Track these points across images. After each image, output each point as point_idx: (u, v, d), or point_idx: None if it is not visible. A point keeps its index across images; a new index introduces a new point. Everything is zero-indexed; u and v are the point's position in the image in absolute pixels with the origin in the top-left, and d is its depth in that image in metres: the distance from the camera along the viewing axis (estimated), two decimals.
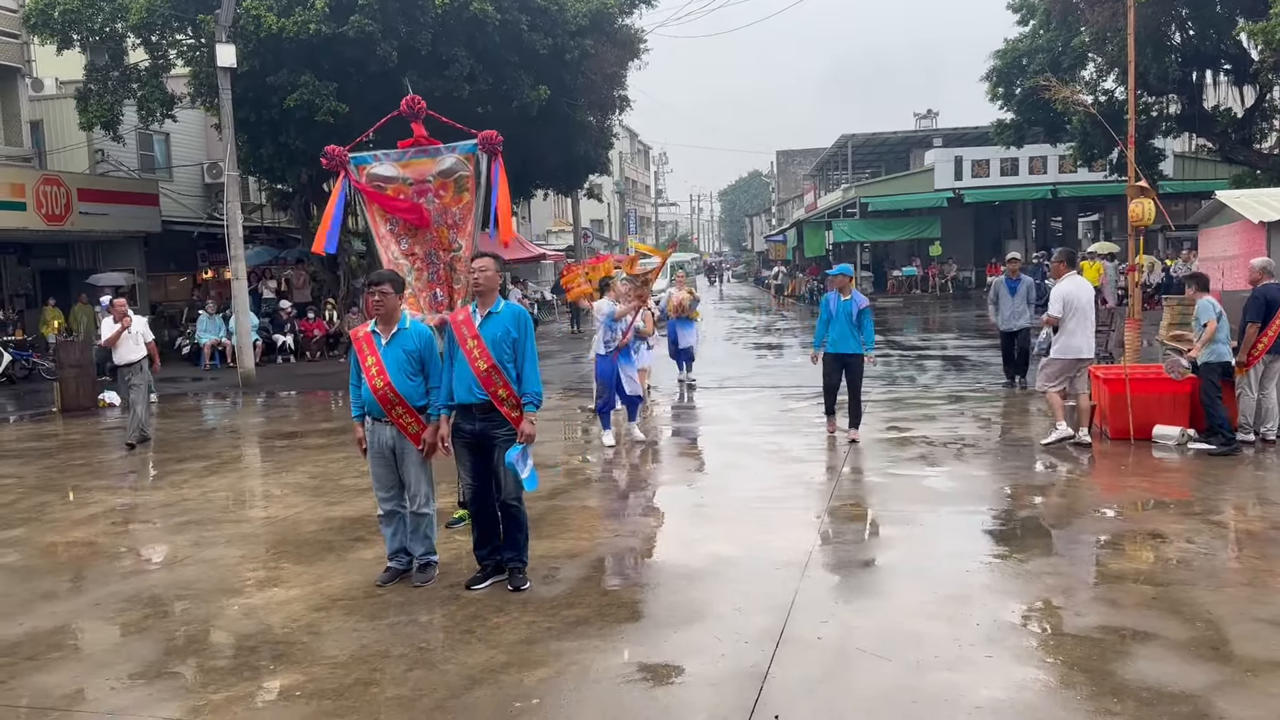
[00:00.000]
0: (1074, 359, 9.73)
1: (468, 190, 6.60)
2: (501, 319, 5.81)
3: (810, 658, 4.86)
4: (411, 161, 6.72)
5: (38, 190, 20.40)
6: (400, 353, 5.97)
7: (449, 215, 6.66)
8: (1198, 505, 7.56)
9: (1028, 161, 36.59)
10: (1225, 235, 14.05)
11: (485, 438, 5.82)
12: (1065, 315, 9.63)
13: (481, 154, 6.78)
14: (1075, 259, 10.59)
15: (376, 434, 6.09)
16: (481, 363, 5.72)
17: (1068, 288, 9.74)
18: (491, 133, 6.54)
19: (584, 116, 23.99)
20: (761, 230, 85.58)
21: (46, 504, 8.99)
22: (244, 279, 19.37)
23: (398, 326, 6.02)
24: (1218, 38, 22.60)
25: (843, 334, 10.18)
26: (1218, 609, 5.29)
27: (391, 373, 5.93)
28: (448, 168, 6.65)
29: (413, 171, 6.73)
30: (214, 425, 14.28)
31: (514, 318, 5.85)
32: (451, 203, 6.66)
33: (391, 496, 6.19)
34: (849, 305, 10.14)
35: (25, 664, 5.16)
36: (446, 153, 6.64)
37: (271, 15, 18.22)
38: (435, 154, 6.73)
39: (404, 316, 6.09)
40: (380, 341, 6.02)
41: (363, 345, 6.08)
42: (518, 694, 4.56)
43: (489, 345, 5.73)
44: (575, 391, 15.21)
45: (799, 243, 51.29)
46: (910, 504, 7.76)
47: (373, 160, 6.89)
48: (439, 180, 6.65)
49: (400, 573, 6.21)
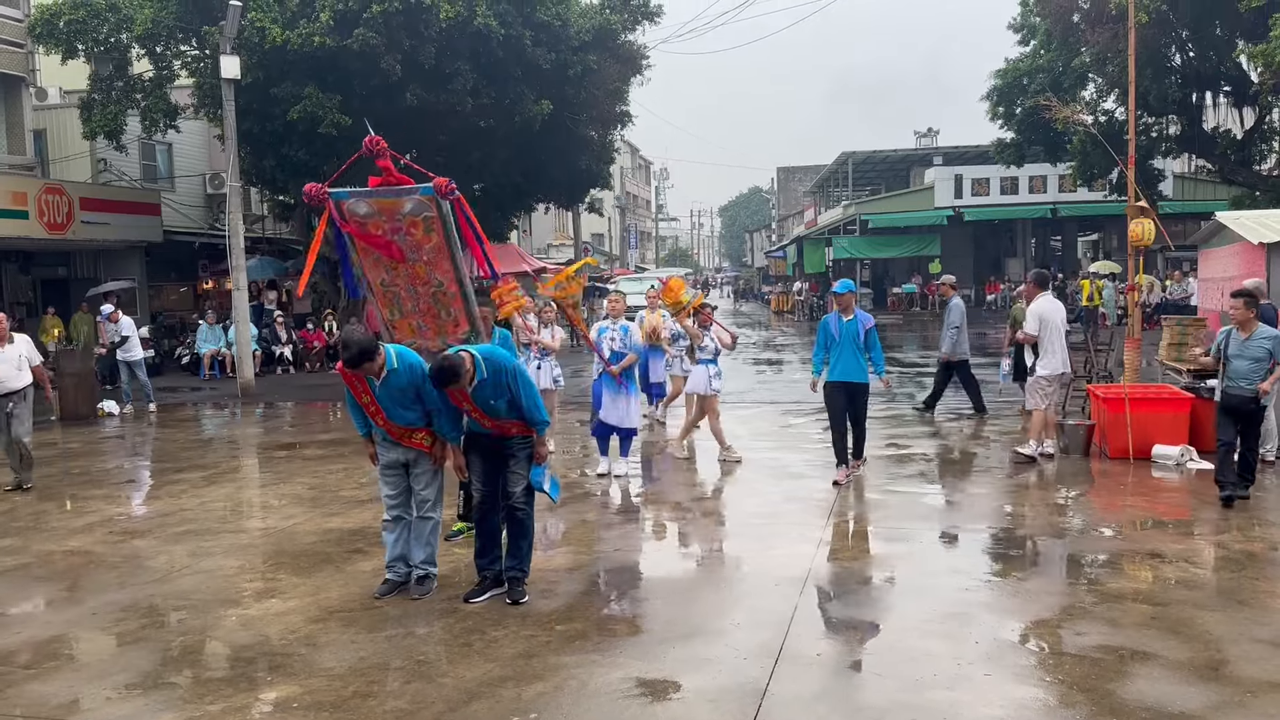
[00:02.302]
0: (1059, 374, 9.86)
1: (435, 231, 6.60)
2: (490, 385, 5.80)
3: (809, 675, 4.85)
4: (382, 200, 6.75)
5: (40, 199, 20.42)
6: (394, 391, 5.95)
7: (422, 252, 6.69)
8: (1197, 525, 7.56)
9: (1028, 180, 36.72)
10: (1225, 256, 14.08)
11: (499, 443, 5.99)
12: (1042, 333, 9.78)
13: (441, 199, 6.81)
14: (1047, 280, 10.61)
15: (388, 450, 6.15)
16: (485, 422, 5.92)
17: (1043, 306, 9.91)
18: (443, 180, 6.55)
19: (586, 131, 24.06)
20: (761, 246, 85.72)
21: (44, 513, 8.97)
22: (245, 290, 19.37)
23: (386, 369, 5.91)
24: (1218, 60, 22.70)
25: (848, 360, 9.01)
26: (1217, 629, 5.29)
27: (390, 411, 5.98)
28: (412, 209, 6.69)
29: (383, 209, 6.77)
30: (213, 435, 14.26)
31: (498, 376, 5.81)
32: (423, 240, 6.69)
33: (400, 503, 6.22)
34: (854, 326, 9.05)
35: (21, 673, 5.15)
36: (408, 194, 6.66)
37: (276, 27, 18.29)
38: (399, 194, 6.75)
39: (389, 356, 5.94)
40: (373, 384, 5.95)
41: (356, 385, 5.99)
42: (515, 708, 4.54)
43: (486, 411, 5.86)
44: (574, 405, 15.20)
45: (799, 259, 51.36)
46: (909, 521, 7.75)
47: (349, 197, 6.91)
48: (409, 219, 6.70)
49: (398, 584, 6.20)
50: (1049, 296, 10.15)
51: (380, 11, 17.64)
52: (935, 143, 48.74)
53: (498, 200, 25.12)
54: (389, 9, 17.63)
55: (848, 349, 9.00)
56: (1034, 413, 9.94)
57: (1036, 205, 37.58)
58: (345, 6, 17.96)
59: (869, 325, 9.11)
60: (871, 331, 9.08)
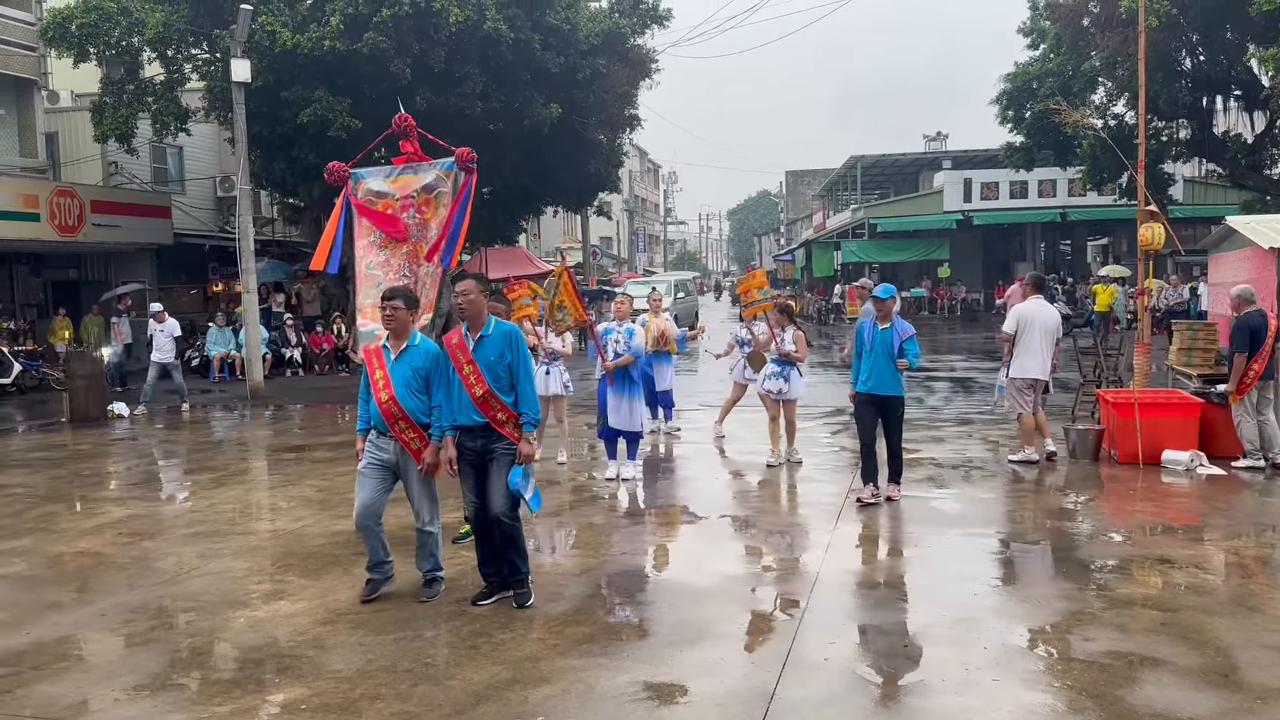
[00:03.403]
0: (1029, 379, 9.85)
1: (445, 206, 6.72)
2: (494, 342, 5.81)
3: (817, 679, 4.84)
4: (400, 177, 6.86)
5: (51, 201, 20.53)
6: (408, 369, 5.95)
7: (426, 231, 6.77)
8: (1207, 530, 7.53)
9: (1037, 185, 36.62)
10: (1235, 261, 14.03)
11: (485, 453, 5.84)
12: (1019, 334, 9.80)
13: (459, 170, 6.87)
14: (1043, 283, 10.57)
15: (379, 448, 6.05)
16: (478, 388, 5.74)
17: (1026, 308, 9.92)
18: (464, 150, 6.65)
19: (595, 135, 24.09)
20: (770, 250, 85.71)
21: (54, 514, 9.01)
22: (254, 292, 19.43)
23: (408, 342, 6.02)
24: (1228, 63, 22.63)
25: (880, 371, 8.33)
26: (1227, 635, 5.26)
27: (397, 388, 5.92)
28: (430, 183, 6.79)
29: (399, 187, 6.89)
30: (222, 437, 14.31)
31: (505, 339, 5.84)
32: (430, 218, 6.78)
33: (371, 515, 6.03)
34: (889, 336, 8.30)
35: (30, 673, 5.16)
36: (429, 168, 6.77)
37: (287, 31, 18.37)
38: (419, 170, 6.86)
39: (414, 333, 6.08)
40: (390, 356, 6.02)
41: (372, 359, 6.09)
42: (522, 711, 4.54)
43: (484, 370, 5.75)
44: (582, 409, 15.20)
45: (807, 262, 51.33)
46: (918, 526, 7.73)
47: (368, 176, 7.03)
48: (422, 196, 6.79)
49: (380, 584, 6.18)
50: (1039, 300, 10.05)
51: (390, 15, 17.71)
52: (944, 146, 48.70)
53: (506, 203, 25.17)
54: (399, 13, 17.69)
55: (880, 359, 8.34)
56: (1020, 418, 10.02)
57: (1046, 209, 37.48)
58: (355, 10, 18.03)
59: (906, 336, 8.30)
60: (909, 343, 8.30)
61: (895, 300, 8.52)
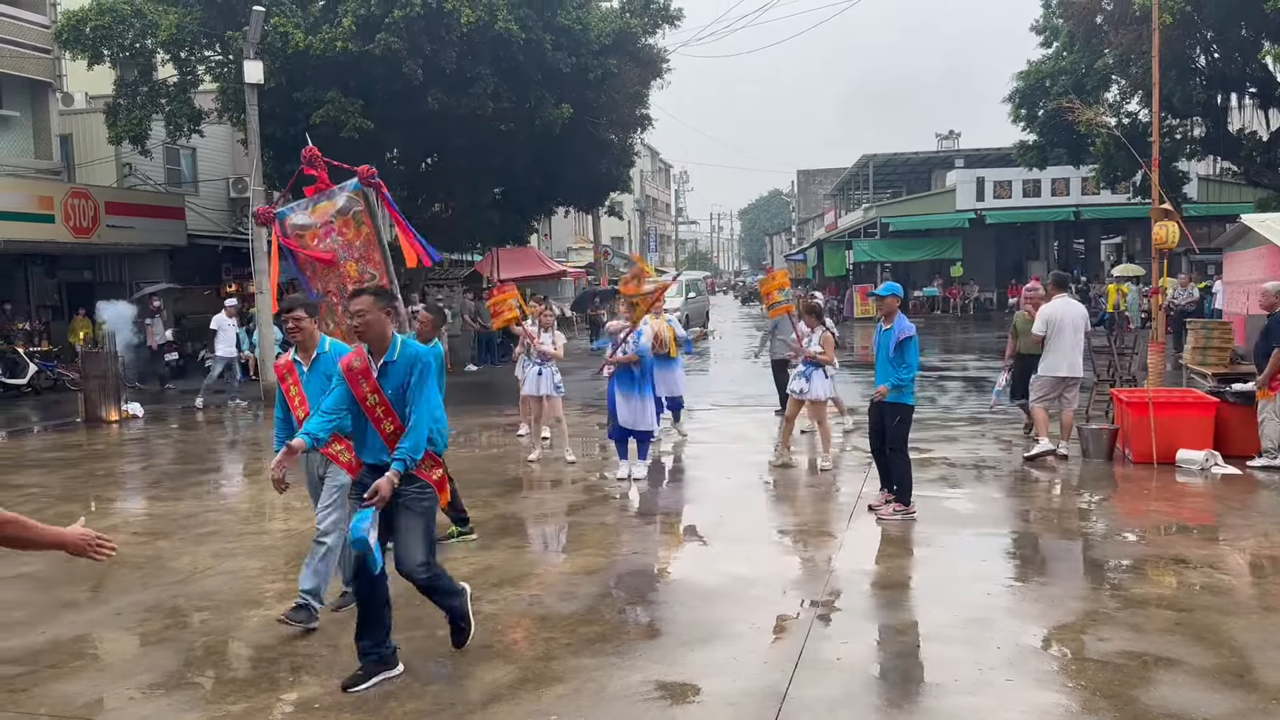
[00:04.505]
0: (1058, 377, 9.96)
1: (364, 224, 6.94)
2: (399, 368, 4.88)
3: (830, 679, 4.83)
4: (317, 206, 7.11)
5: (66, 203, 20.66)
6: (322, 378, 5.51)
7: (353, 250, 6.98)
8: (1222, 530, 7.49)
9: (1050, 183, 36.46)
10: (1251, 259, 13.97)
11: (393, 497, 4.83)
12: (1049, 334, 9.91)
13: (365, 188, 7.04)
14: (1066, 282, 10.60)
15: (308, 461, 5.75)
16: (387, 424, 4.88)
17: (1054, 308, 9.99)
18: (364, 168, 6.89)
19: (606, 134, 24.06)
20: (781, 249, 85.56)
21: (69, 514, 9.04)
22: (268, 293, 19.50)
23: (316, 351, 5.70)
24: (1243, 61, 22.48)
25: (880, 375, 8.01)
26: (1242, 636, 5.24)
27: (313, 402, 5.52)
28: (343, 206, 7.02)
29: (318, 215, 7.13)
30: (235, 437, 14.37)
31: (409, 364, 4.88)
32: (354, 238, 7.00)
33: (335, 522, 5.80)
34: (889, 336, 7.91)
35: (47, 672, 5.20)
36: (338, 193, 6.99)
37: (299, 33, 18.43)
38: (332, 195, 7.10)
39: (322, 340, 5.77)
40: (302, 370, 5.71)
41: (285, 375, 5.76)
42: (535, 710, 4.55)
43: (392, 402, 4.88)
44: (594, 408, 15.21)
45: (819, 262, 51.24)
46: (931, 525, 7.71)
47: (290, 212, 7.28)
48: (340, 219, 7.00)
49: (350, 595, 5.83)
50: (1064, 299, 10.13)
51: (402, 17, 17.74)
52: (957, 145, 48.49)
53: (518, 203, 25.18)
54: (411, 14, 17.72)
55: (880, 362, 7.99)
56: (1033, 410, 10.16)
57: (1059, 208, 37.32)
58: (367, 12, 18.07)
59: (902, 337, 7.83)
60: (906, 343, 7.81)
61: (897, 299, 8.12)
